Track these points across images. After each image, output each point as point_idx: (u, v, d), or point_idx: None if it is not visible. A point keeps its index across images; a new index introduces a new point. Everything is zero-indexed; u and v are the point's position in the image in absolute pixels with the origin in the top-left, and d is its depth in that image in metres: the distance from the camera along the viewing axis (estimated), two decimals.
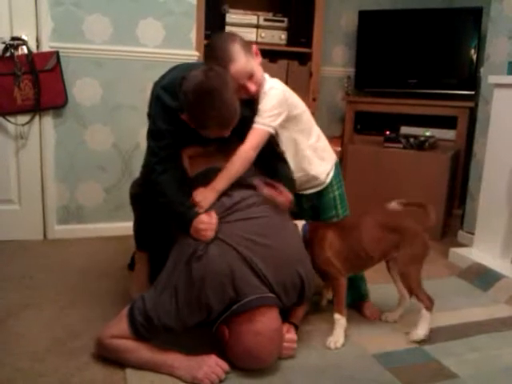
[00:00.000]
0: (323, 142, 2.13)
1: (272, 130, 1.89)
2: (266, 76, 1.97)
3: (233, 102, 1.70)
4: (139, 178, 2.19)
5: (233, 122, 1.73)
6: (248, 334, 1.63)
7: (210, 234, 1.69)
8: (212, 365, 1.65)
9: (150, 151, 1.87)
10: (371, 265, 2.03)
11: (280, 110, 1.91)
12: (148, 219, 2.15)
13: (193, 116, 1.73)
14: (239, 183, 1.83)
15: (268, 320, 1.66)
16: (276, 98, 1.90)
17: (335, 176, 2.13)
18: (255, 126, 1.87)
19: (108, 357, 1.72)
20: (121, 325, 1.68)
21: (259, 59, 1.94)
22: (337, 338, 1.89)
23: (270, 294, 1.69)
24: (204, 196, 1.78)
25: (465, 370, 1.79)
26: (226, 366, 1.67)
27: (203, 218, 1.71)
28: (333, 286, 1.95)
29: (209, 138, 1.80)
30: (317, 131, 2.11)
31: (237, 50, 1.83)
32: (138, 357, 1.68)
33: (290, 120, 1.98)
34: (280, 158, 2.00)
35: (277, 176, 1.92)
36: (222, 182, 1.81)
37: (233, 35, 1.91)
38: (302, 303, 1.87)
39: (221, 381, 1.64)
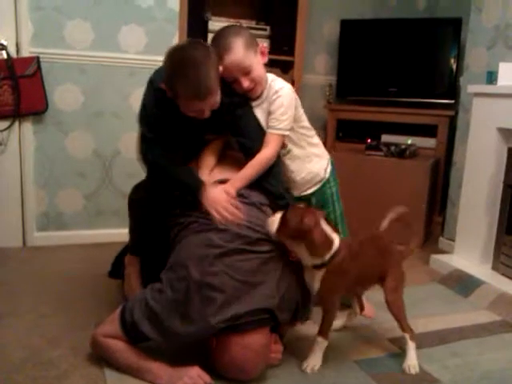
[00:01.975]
0: (317, 139, 2.15)
1: (288, 133, 1.93)
2: (273, 76, 1.98)
3: (209, 74, 1.67)
4: (144, 182, 2.14)
5: (207, 95, 1.68)
6: (236, 346, 1.61)
7: (230, 211, 1.69)
8: (193, 376, 1.63)
9: (143, 137, 1.86)
10: (361, 290, 1.98)
11: (292, 111, 1.93)
12: (145, 225, 2.13)
13: (167, 80, 1.70)
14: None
15: (258, 336, 1.64)
16: (288, 99, 1.91)
17: (331, 172, 2.15)
18: (274, 131, 1.90)
19: (100, 355, 1.73)
20: (113, 325, 1.69)
21: (264, 59, 1.95)
22: (315, 361, 1.79)
23: (265, 316, 1.66)
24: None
25: (446, 375, 1.80)
26: (208, 378, 1.65)
27: (214, 187, 1.74)
28: (325, 311, 1.79)
29: (189, 116, 1.76)
30: (312, 129, 2.13)
31: (237, 43, 1.83)
32: (126, 358, 1.68)
33: (295, 119, 1.99)
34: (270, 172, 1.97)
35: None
36: (239, 182, 1.84)
37: (242, 29, 1.91)
38: (295, 323, 1.88)
39: None
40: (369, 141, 3.61)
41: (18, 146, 2.85)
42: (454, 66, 3.56)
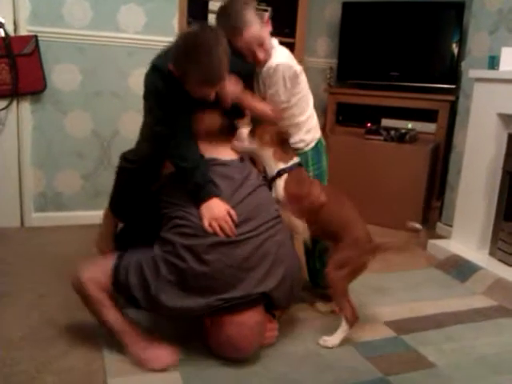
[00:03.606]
0: (314, 116, 2.19)
1: (285, 105, 2.01)
2: (276, 43, 2.02)
3: (222, 61, 1.67)
4: (132, 154, 2.14)
5: (219, 82, 1.71)
6: (231, 325, 1.63)
7: (224, 224, 1.66)
8: (161, 356, 1.66)
9: (156, 121, 1.86)
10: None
11: (285, 87, 1.97)
12: (128, 191, 2.14)
13: (178, 63, 1.69)
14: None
15: (252, 313, 1.66)
16: (284, 75, 1.95)
17: (313, 155, 2.16)
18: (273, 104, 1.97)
19: (84, 301, 1.69)
20: (105, 278, 1.66)
21: (269, 27, 1.99)
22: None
23: (257, 296, 1.67)
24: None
25: (442, 359, 1.81)
26: (174, 360, 1.66)
27: (220, 202, 1.71)
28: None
29: (195, 98, 1.76)
30: (310, 102, 2.16)
31: (252, 16, 1.88)
32: (111, 314, 1.67)
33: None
34: None
35: None
36: (252, 101, 1.94)
37: (247, 0, 1.93)
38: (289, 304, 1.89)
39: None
40: (369, 125, 3.60)
41: (16, 126, 2.83)
42: (456, 51, 3.53)
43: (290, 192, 1.90)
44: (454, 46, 3.54)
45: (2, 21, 2.67)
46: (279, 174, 1.92)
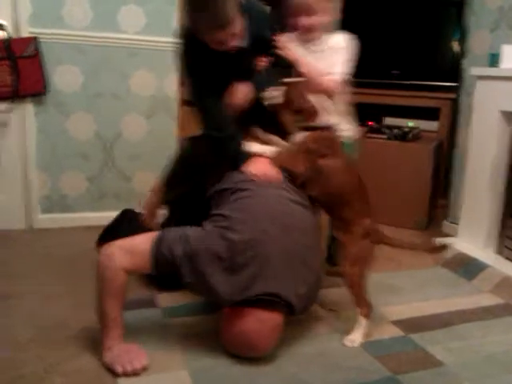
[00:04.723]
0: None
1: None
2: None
3: (225, 3, 1.67)
4: (202, 142, 2.07)
5: (226, 24, 1.70)
6: (252, 317, 1.60)
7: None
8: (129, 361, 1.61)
9: (192, 90, 1.92)
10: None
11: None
12: (182, 175, 2.17)
13: (188, 17, 1.74)
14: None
15: (275, 315, 1.63)
16: (352, 51, 2.19)
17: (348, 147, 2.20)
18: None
19: (99, 277, 1.63)
20: (137, 257, 1.61)
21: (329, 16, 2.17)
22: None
23: (283, 302, 1.64)
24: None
25: (450, 357, 1.81)
26: (145, 362, 1.62)
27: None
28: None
29: (215, 49, 1.78)
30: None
31: None
32: (113, 307, 1.62)
33: None
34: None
35: None
36: (305, 65, 2.03)
37: None
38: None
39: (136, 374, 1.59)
40: (371, 124, 3.59)
41: (21, 129, 2.82)
42: (457, 49, 3.53)
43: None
44: (455, 43, 3.54)
45: (3, 22, 2.66)
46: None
